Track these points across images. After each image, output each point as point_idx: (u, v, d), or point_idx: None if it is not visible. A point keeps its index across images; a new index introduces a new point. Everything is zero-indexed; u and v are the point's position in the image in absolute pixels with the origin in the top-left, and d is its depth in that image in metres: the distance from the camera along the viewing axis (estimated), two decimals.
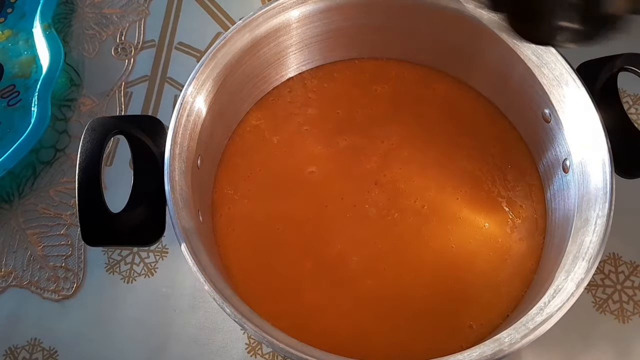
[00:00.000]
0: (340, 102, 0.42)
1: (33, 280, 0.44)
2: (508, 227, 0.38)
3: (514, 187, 0.39)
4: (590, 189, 0.32)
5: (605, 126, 0.32)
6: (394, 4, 0.39)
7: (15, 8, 0.53)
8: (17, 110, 0.48)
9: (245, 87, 0.40)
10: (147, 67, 0.51)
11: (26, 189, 0.47)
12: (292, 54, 0.41)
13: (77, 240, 0.45)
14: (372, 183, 0.39)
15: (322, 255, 0.37)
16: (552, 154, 0.37)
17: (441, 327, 0.35)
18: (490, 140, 0.40)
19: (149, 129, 0.34)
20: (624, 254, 0.41)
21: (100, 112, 0.49)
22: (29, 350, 0.42)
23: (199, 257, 0.31)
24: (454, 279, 0.36)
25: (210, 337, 0.41)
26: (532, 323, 0.28)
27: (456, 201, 0.38)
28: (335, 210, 0.38)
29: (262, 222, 0.38)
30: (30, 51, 0.51)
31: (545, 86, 0.36)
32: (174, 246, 0.44)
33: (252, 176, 0.40)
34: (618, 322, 0.40)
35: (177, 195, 0.32)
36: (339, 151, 0.40)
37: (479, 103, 0.42)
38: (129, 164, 0.47)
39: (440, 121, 0.41)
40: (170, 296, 0.42)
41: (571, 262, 0.30)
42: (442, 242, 0.37)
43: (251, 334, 0.29)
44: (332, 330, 0.35)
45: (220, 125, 0.40)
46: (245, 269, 0.37)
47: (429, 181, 0.39)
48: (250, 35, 0.37)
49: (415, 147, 0.40)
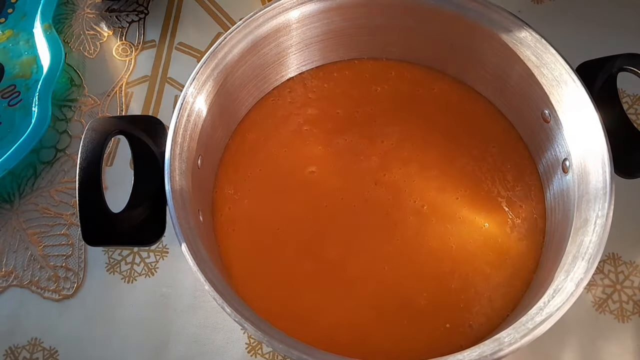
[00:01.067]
0: (340, 102, 0.42)
1: (33, 280, 0.44)
2: (508, 227, 0.38)
3: (514, 187, 0.39)
4: (590, 189, 0.32)
5: (605, 126, 0.32)
6: (393, 4, 0.39)
7: (16, 8, 0.53)
8: (17, 111, 0.48)
9: (246, 88, 0.40)
10: (147, 68, 0.51)
11: (27, 189, 0.47)
12: (292, 54, 0.41)
13: (78, 240, 0.45)
14: (372, 183, 0.39)
15: (322, 255, 0.37)
16: (551, 154, 0.37)
17: (441, 327, 0.35)
18: (490, 140, 0.40)
19: (149, 129, 0.34)
20: (624, 254, 0.41)
21: (101, 112, 0.49)
22: (30, 350, 0.42)
23: (199, 257, 0.31)
24: (453, 279, 0.36)
25: (210, 337, 0.41)
26: (531, 323, 0.28)
27: (456, 201, 0.38)
28: (335, 210, 0.38)
29: (262, 222, 0.38)
30: (30, 51, 0.51)
31: (545, 86, 0.36)
32: (174, 246, 0.44)
33: (253, 176, 0.40)
34: (618, 322, 0.40)
35: (177, 195, 0.32)
36: (339, 151, 0.40)
37: (479, 103, 0.42)
38: (129, 164, 0.47)
39: (440, 121, 0.41)
40: (170, 296, 0.42)
41: (571, 262, 0.30)
42: (442, 241, 0.37)
43: (251, 334, 0.29)
44: (332, 330, 0.35)
45: (221, 125, 0.40)
46: (245, 269, 0.37)
47: (429, 181, 0.39)
48: (250, 36, 0.37)
49: (415, 147, 0.40)
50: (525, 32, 0.36)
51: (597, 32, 0.49)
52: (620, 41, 0.48)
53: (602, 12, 0.50)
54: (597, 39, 0.49)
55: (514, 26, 0.36)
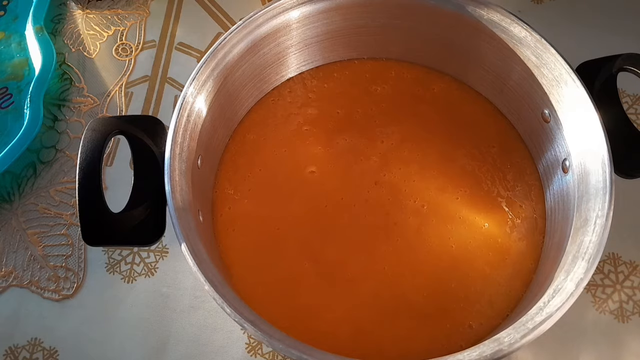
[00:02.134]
0: (340, 102, 0.42)
1: (33, 280, 0.44)
2: (508, 227, 0.38)
3: (514, 187, 0.39)
4: (590, 188, 0.32)
5: (605, 126, 0.32)
6: (393, 4, 0.39)
7: (8, 11, 0.53)
8: (9, 113, 0.48)
9: (246, 88, 0.40)
10: (147, 67, 0.51)
11: (27, 189, 0.47)
12: (292, 54, 0.41)
13: (78, 240, 0.45)
14: (372, 183, 0.39)
15: (322, 255, 0.37)
16: (551, 154, 0.37)
17: (441, 327, 0.35)
18: (490, 140, 0.40)
19: (149, 129, 0.34)
20: (624, 253, 0.41)
21: (101, 112, 0.49)
22: (30, 350, 0.42)
23: (199, 257, 0.31)
24: (453, 279, 0.36)
25: (210, 337, 0.41)
26: (531, 323, 0.28)
27: (456, 201, 0.38)
28: (335, 210, 0.38)
29: (262, 222, 0.38)
30: (22, 53, 0.50)
31: (545, 86, 0.36)
32: (174, 246, 0.44)
33: (253, 176, 0.40)
34: (617, 322, 0.40)
35: (177, 195, 0.32)
36: (339, 151, 0.40)
37: (479, 103, 0.42)
38: (129, 164, 0.47)
39: (439, 121, 0.41)
40: (170, 296, 0.42)
41: (571, 262, 0.30)
42: (442, 241, 0.37)
43: (251, 334, 0.29)
44: (332, 330, 0.35)
45: (221, 125, 0.40)
46: (245, 269, 0.37)
47: (428, 181, 0.39)
48: (250, 36, 0.37)
49: (415, 147, 0.40)
50: (525, 32, 0.36)
51: (597, 32, 0.49)
52: (620, 41, 0.48)
53: (602, 12, 0.50)
54: (597, 39, 0.49)
55: (514, 26, 0.36)
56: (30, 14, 0.51)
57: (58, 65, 0.51)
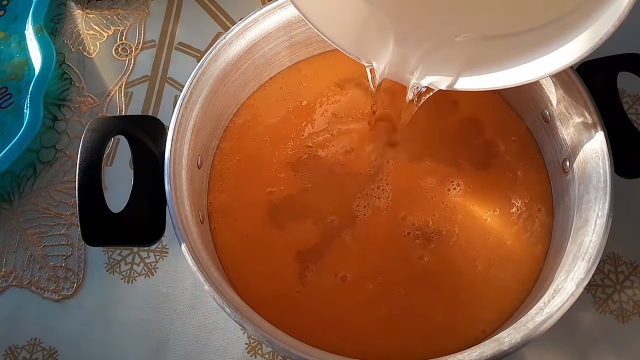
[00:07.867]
0: (341, 102, 0.42)
1: (33, 280, 0.44)
2: (511, 227, 0.37)
3: (517, 187, 0.39)
4: (590, 189, 0.32)
5: (605, 126, 0.32)
6: None
7: (7, 11, 0.53)
8: (9, 113, 0.48)
9: (246, 87, 0.40)
10: (147, 67, 0.51)
11: (26, 189, 0.47)
12: (292, 54, 0.41)
13: (78, 240, 0.45)
14: (371, 182, 0.39)
15: (322, 255, 0.37)
16: (552, 154, 0.37)
17: (441, 327, 0.35)
18: (491, 139, 0.40)
19: (149, 129, 0.34)
20: (624, 254, 0.41)
21: (101, 112, 0.49)
22: (29, 350, 0.42)
23: (199, 257, 0.31)
24: (454, 279, 0.36)
25: (210, 337, 0.41)
26: (532, 323, 0.28)
27: (457, 201, 0.38)
28: (335, 210, 0.38)
29: (262, 222, 0.38)
30: (22, 54, 0.50)
31: (545, 86, 0.36)
32: (174, 246, 0.44)
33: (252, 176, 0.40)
34: (618, 322, 0.40)
35: (177, 195, 0.32)
36: (339, 151, 0.40)
37: (479, 102, 0.42)
38: (129, 164, 0.47)
39: (440, 120, 0.41)
40: (170, 296, 0.42)
41: (571, 262, 0.30)
42: (443, 242, 0.37)
43: (251, 334, 0.29)
44: (332, 330, 0.35)
45: (221, 125, 0.40)
46: (245, 269, 0.37)
47: (428, 180, 0.39)
48: (250, 36, 0.37)
49: (414, 145, 0.40)
50: None
51: None
52: (620, 41, 0.48)
53: None
54: None
55: None
56: (30, 14, 0.50)
57: (58, 65, 0.51)
